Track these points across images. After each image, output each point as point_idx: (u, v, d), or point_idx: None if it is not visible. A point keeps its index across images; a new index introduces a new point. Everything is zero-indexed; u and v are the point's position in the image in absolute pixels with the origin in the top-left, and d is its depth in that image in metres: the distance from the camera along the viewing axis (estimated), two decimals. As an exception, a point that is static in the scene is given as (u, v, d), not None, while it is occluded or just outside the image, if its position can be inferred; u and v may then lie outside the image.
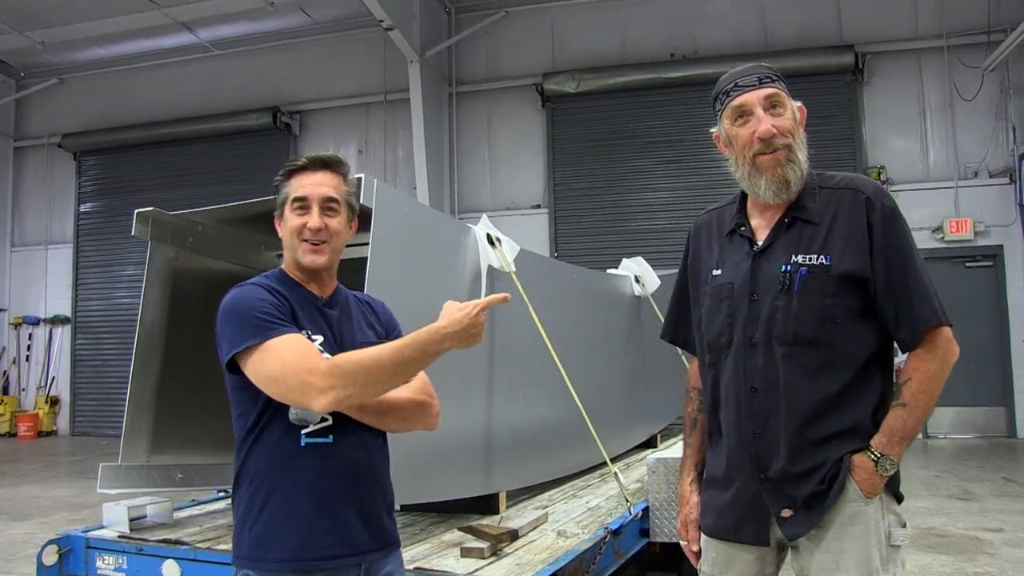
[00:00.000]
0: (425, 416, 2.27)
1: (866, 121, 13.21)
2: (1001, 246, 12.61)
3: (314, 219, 2.21)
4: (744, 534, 2.27)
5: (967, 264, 12.77)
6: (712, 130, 2.39)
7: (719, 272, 2.36)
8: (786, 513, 2.19)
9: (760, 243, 2.29)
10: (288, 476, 2.10)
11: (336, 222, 2.25)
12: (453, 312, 2.03)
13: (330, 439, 2.12)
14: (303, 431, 2.11)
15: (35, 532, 7.59)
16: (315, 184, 2.24)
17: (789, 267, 2.20)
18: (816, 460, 2.16)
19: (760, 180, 2.25)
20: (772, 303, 2.21)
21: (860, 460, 2.15)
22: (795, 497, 2.18)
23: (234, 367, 2.10)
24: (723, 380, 2.31)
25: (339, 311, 2.28)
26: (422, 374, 2.24)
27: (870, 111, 13.22)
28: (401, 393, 2.19)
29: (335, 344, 2.18)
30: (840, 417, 2.17)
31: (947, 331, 2.18)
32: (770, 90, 2.24)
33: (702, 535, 2.39)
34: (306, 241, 2.22)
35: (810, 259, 2.19)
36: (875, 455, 2.13)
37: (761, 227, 2.32)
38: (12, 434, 16.33)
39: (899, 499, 2.24)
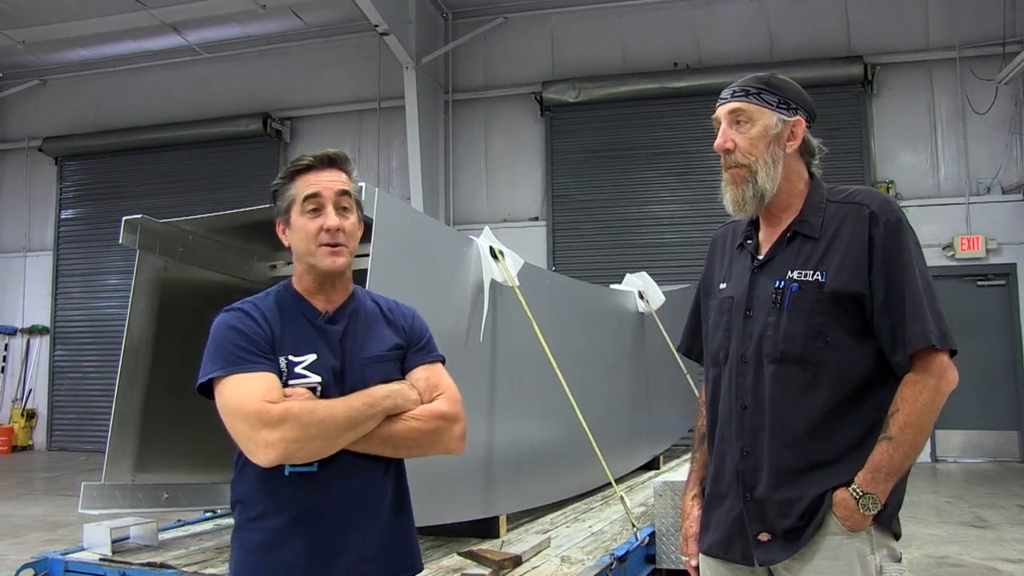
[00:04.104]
0: (438, 442, 2.16)
1: (875, 134, 12.96)
2: (1014, 264, 12.35)
3: (331, 218, 2.11)
4: (732, 553, 2.23)
5: (978, 283, 12.50)
6: None
7: (725, 286, 2.36)
8: (764, 537, 2.16)
9: (761, 257, 2.27)
10: (273, 505, 2.03)
11: (350, 223, 2.16)
12: (408, 391, 2.12)
13: (314, 467, 2.02)
14: None
15: (7, 554, 7.36)
16: (326, 181, 2.14)
17: (782, 283, 2.18)
18: (797, 492, 2.12)
19: (725, 193, 2.27)
20: (765, 319, 2.19)
21: (842, 496, 2.08)
22: (775, 525, 2.14)
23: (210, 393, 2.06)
24: (720, 396, 2.30)
25: (345, 325, 2.17)
26: (450, 391, 2.21)
27: (879, 124, 12.97)
28: (401, 421, 2.09)
29: (335, 361, 2.10)
30: (827, 443, 2.11)
31: (942, 357, 2.08)
32: (734, 104, 2.24)
33: (700, 553, 2.37)
34: (324, 245, 2.12)
35: (805, 275, 2.15)
36: (857, 492, 2.06)
37: (766, 241, 2.30)
38: (-14, 449, 15.97)
39: (896, 535, 2.16)
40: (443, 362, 2.29)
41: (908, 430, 2.04)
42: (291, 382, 2.03)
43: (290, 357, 2.06)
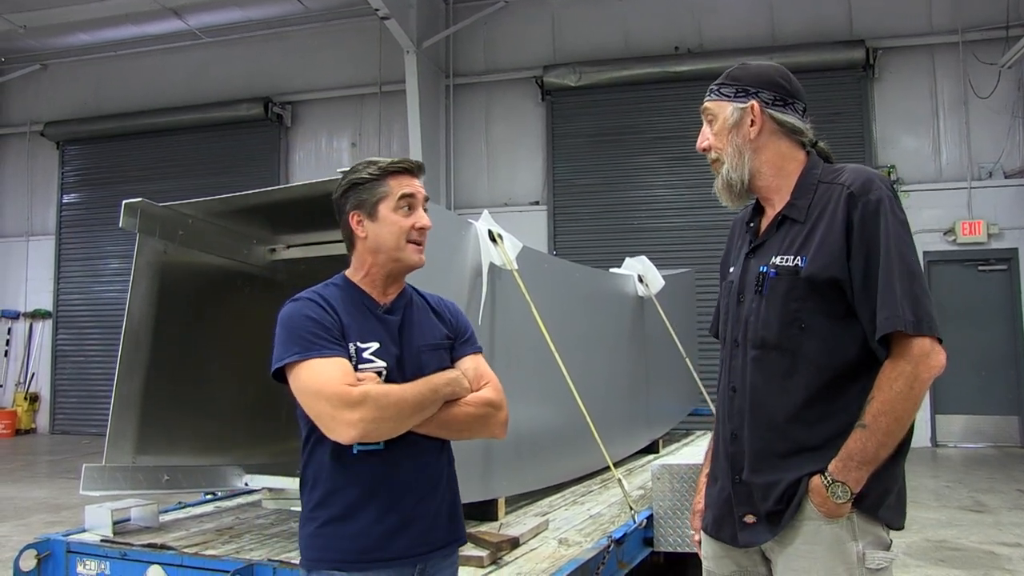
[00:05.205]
0: (486, 427, 2.33)
1: (877, 119, 12.89)
2: (1016, 249, 12.30)
3: (424, 218, 2.29)
4: (723, 533, 2.27)
5: (980, 267, 12.44)
6: None
7: (732, 269, 2.38)
8: (749, 519, 2.19)
9: (755, 242, 2.30)
10: (343, 481, 2.18)
11: (430, 223, 2.33)
12: (462, 380, 2.29)
13: (381, 446, 2.17)
14: None
15: (11, 535, 7.41)
16: (417, 185, 2.32)
17: (765, 268, 2.19)
18: (776, 476, 2.13)
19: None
20: (750, 305, 2.22)
21: (815, 483, 2.07)
22: (759, 507, 2.16)
23: (284, 378, 2.20)
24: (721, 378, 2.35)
25: (401, 315, 2.33)
26: (494, 380, 2.38)
27: (881, 108, 12.89)
28: (457, 407, 2.26)
29: (396, 349, 2.25)
30: (811, 429, 2.10)
31: (921, 342, 2.01)
32: (704, 105, 2.35)
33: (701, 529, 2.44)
34: (413, 242, 2.28)
35: (785, 260, 2.15)
36: (827, 480, 2.05)
37: (764, 225, 2.32)
38: (-11, 432, 16.00)
39: (887, 524, 2.12)
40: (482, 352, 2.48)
41: (882, 418, 2.01)
42: (360, 367, 2.17)
43: (358, 344, 2.21)
